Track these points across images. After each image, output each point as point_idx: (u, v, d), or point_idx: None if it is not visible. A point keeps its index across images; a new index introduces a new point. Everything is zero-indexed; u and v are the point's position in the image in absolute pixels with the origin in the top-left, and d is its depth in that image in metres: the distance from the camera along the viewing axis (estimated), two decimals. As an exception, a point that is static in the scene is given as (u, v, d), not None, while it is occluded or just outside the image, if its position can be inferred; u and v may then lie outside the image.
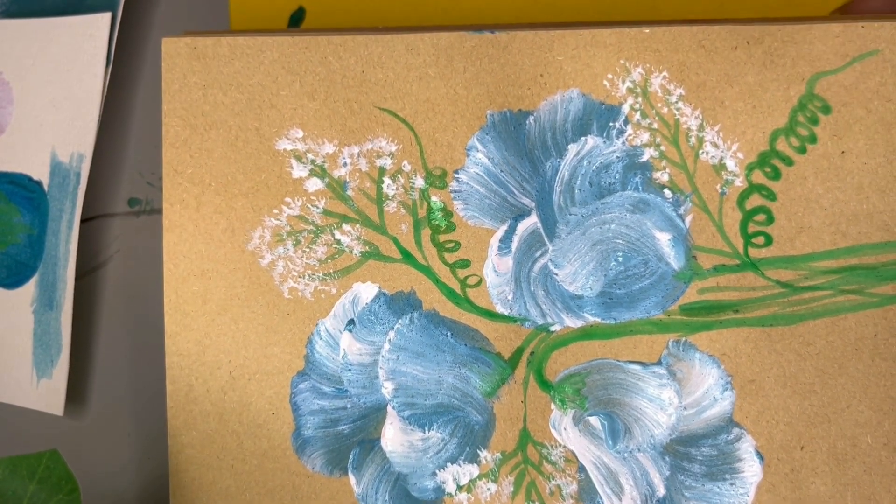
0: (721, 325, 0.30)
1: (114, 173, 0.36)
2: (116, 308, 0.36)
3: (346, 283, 0.31)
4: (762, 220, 0.29)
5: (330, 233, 0.31)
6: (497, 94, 0.30)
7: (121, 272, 0.36)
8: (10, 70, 0.35)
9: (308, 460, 0.31)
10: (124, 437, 0.36)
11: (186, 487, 0.32)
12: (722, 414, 0.30)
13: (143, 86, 0.36)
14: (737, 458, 0.30)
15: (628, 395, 0.30)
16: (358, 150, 0.31)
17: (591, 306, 0.30)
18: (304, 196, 0.31)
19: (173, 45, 0.31)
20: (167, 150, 0.31)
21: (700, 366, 0.30)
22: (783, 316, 0.29)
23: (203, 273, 0.32)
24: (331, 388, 0.31)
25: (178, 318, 0.32)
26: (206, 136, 0.31)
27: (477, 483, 0.31)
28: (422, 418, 0.31)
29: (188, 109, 0.31)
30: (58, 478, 0.30)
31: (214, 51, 0.31)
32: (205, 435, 0.32)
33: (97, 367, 0.36)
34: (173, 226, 0.32)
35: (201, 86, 0.31)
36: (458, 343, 0.31)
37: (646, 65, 0.30)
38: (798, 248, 0.29)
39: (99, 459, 0.36)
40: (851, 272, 0.29)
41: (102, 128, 0.34)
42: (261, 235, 0.31)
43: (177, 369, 0.32)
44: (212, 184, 0.32)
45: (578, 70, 0.30)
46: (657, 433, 0.30)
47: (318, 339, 0.31)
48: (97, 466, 0.36)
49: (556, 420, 0.30)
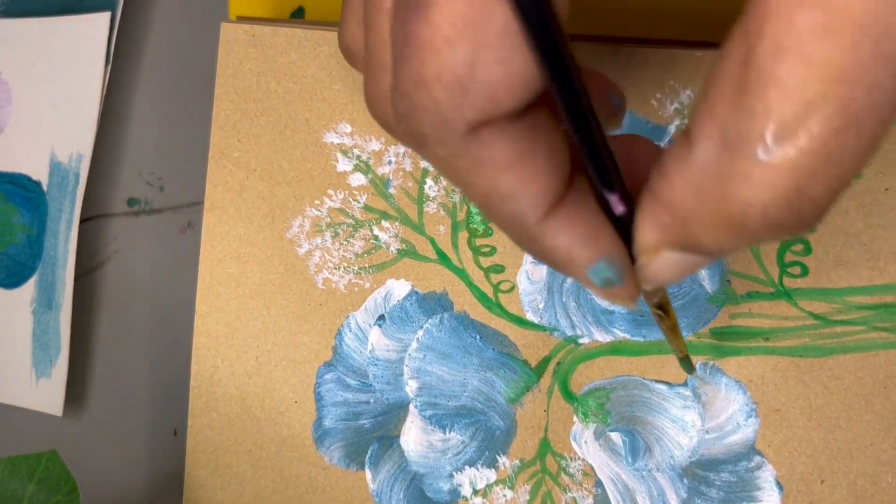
0: (750, 351, 0.30)
1: (113, 173, 0.36)
2: (116, 308, 0.36)
3: (380, 278, 0.32)
4: (800, 250, 0.29)
5: (369, 228, 0.32)
6: (545, 105, 0.31)
7: (120, 272, 0.36)
8: (9, 70, 0.35)
9: (326, 451, 0.31)
10: (123, 438, 0.36)
11: (202, 469, 0.32)
12: (744, 441, 0.30)
13: (143, 85, 0.36)
14: (756, 487, 0.29)
15: (651, 414, 0.30)
16: (404, 150, 0.31)
17: (622, 322, 0.30)
18: (346, 190, 0.32)
19: (232, 31, 0.32)
20: (216, 132, 0.32)
21: (726, 390, 0.30)
22: (813, 348, 0.29)
23: (239, 256, 0.32)
24: (356, 381, 0.31)
25: (209, 299, 0.32)
26: (256, 122, 0.32)
27: (493, 488, 0.31)
28: (443, 419, 0.31)
29: (240, 94, 0.32)
30: (56, 478, 0.30)
31: (272, 40, 0.32)
32: (225, 418, 0.32)
33: (96, 367, 0.36)
34: (214, 207, 0.32)
35: (255, 72, 0.32)
36: (486, 347, 0.31)
37: (695, 88, 0.30)
38: (834, 282, 0.29)
39: (98, 460, 0.36)
40: (886, 310, 0.29)
41: (101, 128, 0.34)
42: (300, 224, 0.32)
43: (203, 350, 0.32)
44: (257, 169, 0.32)
45: (627, 87, 0.30)
46: (677, 454, 0.30)
47: (347, 332, 0.31)
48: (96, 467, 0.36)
49: (577, 433, 0.30)
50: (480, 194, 0.19)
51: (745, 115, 0.15)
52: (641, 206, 0.19)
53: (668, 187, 0.17)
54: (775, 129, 0.15)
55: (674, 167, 0.17)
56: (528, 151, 0.18)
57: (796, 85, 0.14)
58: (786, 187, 0.15)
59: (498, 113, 0.17)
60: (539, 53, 0.15)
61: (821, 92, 0.14)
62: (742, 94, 0.15)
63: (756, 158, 0.15)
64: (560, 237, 0.19)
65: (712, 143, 0.16)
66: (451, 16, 0.16)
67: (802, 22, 0.14)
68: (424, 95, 0.17)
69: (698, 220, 0.17)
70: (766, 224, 0.16)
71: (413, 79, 0.17)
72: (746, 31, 0.15)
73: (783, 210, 0.16)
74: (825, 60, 0.14)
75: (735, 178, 0.16)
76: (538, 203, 0.19)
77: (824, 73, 0.14)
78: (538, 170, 0.18)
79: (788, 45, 0.14)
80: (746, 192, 0.16)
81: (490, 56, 0.16)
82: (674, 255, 0.19)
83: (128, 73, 0.36)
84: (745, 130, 0.15)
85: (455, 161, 0.18)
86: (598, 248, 0.19)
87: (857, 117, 0.15)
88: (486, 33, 0.16)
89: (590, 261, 0.19)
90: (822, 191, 0.15)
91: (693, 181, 0.17)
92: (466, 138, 0.17)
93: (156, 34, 0.36)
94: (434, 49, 0.16)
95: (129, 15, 0.35)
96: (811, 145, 0.15)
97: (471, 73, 0.16)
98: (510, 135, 0.18)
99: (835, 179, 0.15)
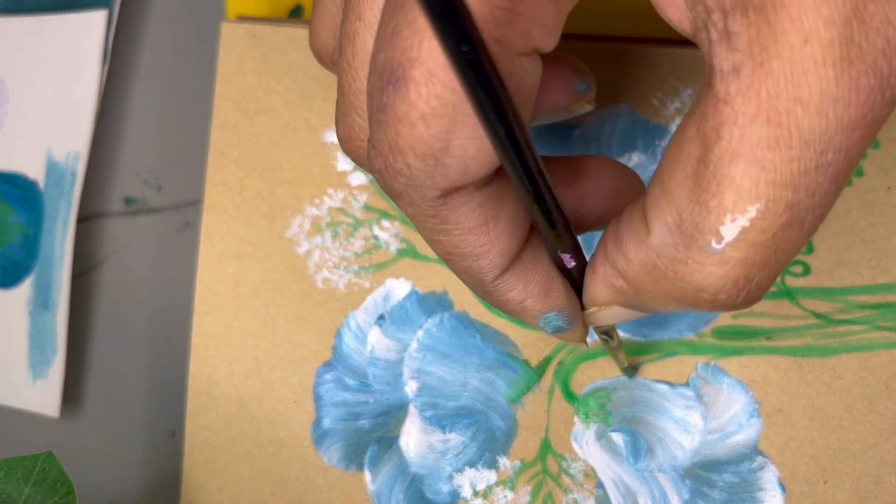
0: (752, 350, 0.29)
1: (110, 173, 0.36)
2: (113, 308, 0.36)
3: (379, 278, 0.31)
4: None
5: (369, 227, 0.31)
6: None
7: (117, 272, 0.36)
8: (5, 68, 0.35)
9: (325, 452, 0.31)
10: (120, 439, 0.36)
11: (200, 470, 0.32)
12: (747, 441, 0.29)
13: (140, 84, 0.36)
14: (758, 488, 0.29)
15: (653, 415, 0.30)
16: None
17: (623, 322, 0.30)
18: (346, 189, 0.32)
19: (232, 30, 0.32)
20: (215, 130, 0.32)
21: (728, 391, 0.30)
22: (816, 347, 0.29)
23: (239, 255, 0.32)
24: (355, 381, 0.31)
25: (208, 298, 0.32)
26: (256, 122, 0.32)
27: (494, 489, 0.30)
28: (443, 420, 0.31)
29: (240, 94, 0.32)
30: (53, 480, 0.29)
31: (272, 39, 0.32)
32: (223, 418, 0.32)
33: (93, 368, 0.36)
34: (213, 206, 0.32)
35: (256, 72, 0.32)
36: (487, 347, 0.31)
37: (696, 86, 0.30)
38: (836, 281, 0.29)
39: (95, 461, 0.36)
40: (889, 309, 0.29)
41: (98, 126, 0.34)
42: (300, 224, 0.32)
43: (202, 350, 0.32)
44: (256, 168, 0.32)
45: (628, 86, 0.30)
46: (679, 455, 0.30)
47: (347, 332, 0.31)
48: (93, 468, 0.36)
49: (578, 433, 0.30)
50: (444, 251, 0.20)
51: (702, 209, 0.17)
52: (596, 267, 0.20)
53: (624, 260, 0.19)
54: (729, 225, 0.16)
55: (630, 244, 0.19)
56: (492, 216, 0.19)
57: (749, 187, 0.16)
58: (736, 277, 0.17)
59: (468, 181, 0.18)
60: (491, 135, 0.16)
61: (770, 194, 0.16)
62: (698, 189, 0.17)
63: (710, 249, 0.17)
64: (514, 292, 0.21)
65: (668, 230, 0.18)
66: (428, 96, 0.17)
67: (756, 133, 0.16)
68: (399, 160, 0.18)
69: (651, 293, 0.19)
70: (714, 305, 0.18)
71: (388, 144, 0.18)
72: (704, 132, 0.17)
73: (732, 295, 0.17)
74: (774, 167, 0.16)
75: (689, 264, 0.17)
76: (497, 264, 0.20)
77: (774, 177, 0.16)
78: (500, 233, 0.19)
79: (743, 152, 0.16)
80: (699, 278, 0.17)
81: (464, 132, 0.17)
82: (621, 308, 0.21)
83: (125, 71, 0.36)
84: (700, 223, 0.17)
85: (423, 220, 0.19)
86: (550, 301, 0.21)
87: (800, 215, 0.16)
88: (461, 112, 0.17)
89: (542, 312, 0.21)
90: (768, 277, 0.17)
91: (649, 261, 0.18)
92: (436, 202, 0.18)
93: (153, 32, 0.36)
94: (410, 123, 0.17)
95: (126, 12, 0.35)
96: (760, 239, 0.16)
97: (445, 147, 0.17)
98: (478, 201, 0.19)
99: (779, 265, 0.17)
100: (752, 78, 0.16)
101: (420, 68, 0.16)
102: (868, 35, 0.15)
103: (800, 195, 0.16)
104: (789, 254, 0.17)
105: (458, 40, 0.14)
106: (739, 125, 0.16)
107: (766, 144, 0.16)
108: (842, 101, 0.15)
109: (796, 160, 0.16)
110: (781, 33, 0.15)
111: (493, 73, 0.14)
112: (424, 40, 0.16)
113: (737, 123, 0.16)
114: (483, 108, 0.15)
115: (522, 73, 0.18)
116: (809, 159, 0.16)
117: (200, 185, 0.33)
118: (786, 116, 0.16)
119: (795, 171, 0.16)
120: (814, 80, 0.15)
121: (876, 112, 0.16)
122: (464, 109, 0.17)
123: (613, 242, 0.19)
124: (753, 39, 0.16)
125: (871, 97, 0.16)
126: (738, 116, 0.16)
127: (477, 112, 0.15)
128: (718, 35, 0.16)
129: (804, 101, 0.15)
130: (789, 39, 0.15)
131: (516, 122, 0.16)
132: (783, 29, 0.15)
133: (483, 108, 0.15)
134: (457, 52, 0.14)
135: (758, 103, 0.16)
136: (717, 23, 0.16)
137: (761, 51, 0.16)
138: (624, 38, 0.31)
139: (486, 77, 0.14)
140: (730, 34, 0.16)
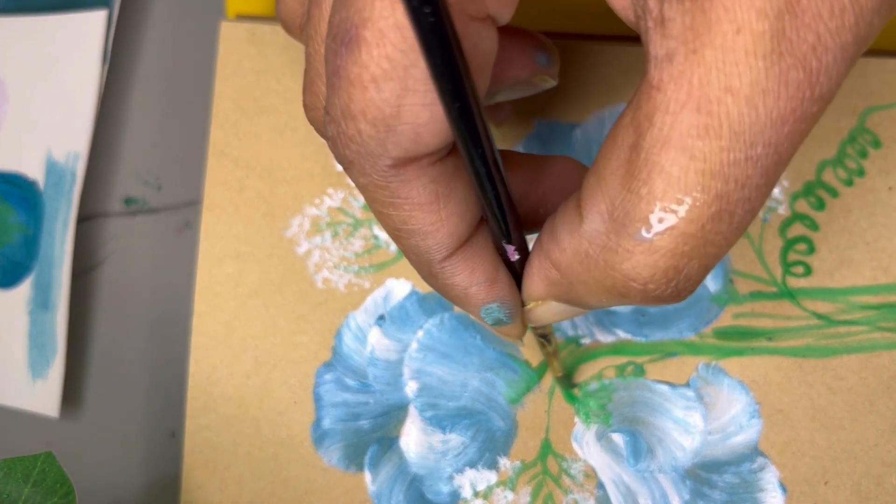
0: (753, 351, 0.29)
1: (110, 172, 0.36)
2: (113, 308, 0.36)
3: (379, 278, 0.31)
4: (803, 249, 0.29)
5: (368, 227, 0.31)
6: (546, 104, 0.31)
7: (117, 272, 0.36)
8: (5, 68, 0.35)
9: (325, 453, 0.31)
10: (120, 440, 0.36)
11: (200, 470, 0.32)
12: (747, 442, 0.29)
13: (140, 84, 0.36)
14: (759, 489, 0.29)
15: (654, 415, 0.30)
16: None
17: (624, 322, 0.30)
18: (346, 189, 0.31)
19: (232, 29, 0.32)
20: (215, 130, 0.32)
21: (728, 391, 0.30)
22: (817, 348, 0.29)
23: (238, 255, 0.32)
24: (355, 381, 0.31)
25: (208, 299, 0.32)
26: (256, 121, 0.32)
27: (494, 490, 0.30)
28: (443, 420, 0.31)
29: (240, 93, 0.32)
30: (53, 480, 0.29)
31: (272, 38, 0.31)
32: (223, 419, 0.32)
33: (93, 368, 0.36)
34: (213, 206, 0.32)
35: (255, 71, 0.32)
36: (487, 347, 0.31)
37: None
38: (837, 281, 0.29)
39: (94, 462, 0.36)
40: (890, 309, 0.29)
41: (98, 126, 0.34)
42: (300, 224, 0.32)
43: (202, 350, 0.32)
44: (256, 168, 0.32)
45: (628, 85, 0.30)
46: (680, 455, 0.30)
47: (347, 332, 0.31)
48: (93, 469, 0.36)
49: (578, 434, 0.30)
50: (392, 226, 0.20)
51: (632, 196, 0.17)
52: (532, 260, 0.20)
53: (557, 250, 0.19)
54: (658, 213, 0.16)
55: (564, 232, 0.19)
56: (444, 195, 0.19)
57: (678, 175, 0.16)
58: (665, 267, 0.17)
59: (421, 152, 0.18)
60: (444, 100, 0.16)
61: (699, 183, 0.16)
62: (630, 177, 0.17)
63: (639, 237, 0.17)
64: (459, 277, 0.20)
65: (600, 217, 0.17)
66: (379, 57, 0.16)
67: (686, 121, 0.16)
68: (351, 126, 0.17)
69: (583, 283, 0.19)
70: (644, 296, 0.18)
71: (341, 108, 0.17)
72: (638, 119, 0.16)
73: (661, 285, 0.17)
74: (704, 156, 0.16)
75: (620, 252, 0.17)
76: (444, 245, 0.20)
77: (703, 167, 0.16)
78: (450, 213, 0.19)
79: (673, 139, 0.16)
80: (629, 267, 0.17)
81: (416, 99, 0.17)
82: (559, 304, 0.21)
83: (125, 71, 0.36)
84: (631, 211, 0.17)
85: (374, 191, 0.19)
86: (493, 291, 0.21)
87: (729, 207, 0.16)
88: (413, 78, 0.17)
89: (484, 302, 0.21)
90: (697, 269, 0.17)
91: (581, 249, 0.18)
92: (388, 172, 0.18)
93: (153, 32, 0.36)
94: (361, 86, 0.17)
95: (126, 12, 0.35)
96: (689, 229, 0.16)
97: (396, 113, 0.17)
98: (430, 176, 0.19)
99: (709, 258, 0.17)
100: (684, 65, 0.16)
101: (372, 28, 0.16)
102: (799, 29, 0.15)
103: (729, 186, 0.16)
104: (719, 247, 0.17)
105: (420, 1, 0.14)
106: (671, 112, 0.16)
107: (696, 133, 0.16)
108: (771, 93, 0.15)
109: (726, 150, 0.16)
110: (715, 21, 0.15)
111: (452, 37, 0.14)
112: (377, 0, 0.16)
113: (668, 111, 0.16)
114: (438, 71, 0.15)
115: (475, 37, 0.18)
116: (739, 150, 0.16)
117: (200, 185, 0.33)
118: (716, 105, 0.15)
119: (725, 161, 0.16)
120: (745, 71, 0.15)
121: (805, 108, 0.16)
122: (415, 74, 0.16)
123: (549, 233, 0.19)
124: (687, 27, 0.16)
125: (801, 92, 0.15)
126: (670, 103, 0.16)
127: (432, 74, 0.15)
128: (654, 22, 0.16)
129: (735, 91, 0.15)
130: (722, 28, 0.15)
131: (470, 88, 0.15)
132: (717, 17, 0.15)
133: (438, 71, 0.15)
134: (418, 12, 0.14)
135: (689, 90, 0.16)
136: (653, 9, 0.16)
137: (694, 38, 0.16)
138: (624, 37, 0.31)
139: (445, 40, 0.14)
140: (664, 20, 0.16)
